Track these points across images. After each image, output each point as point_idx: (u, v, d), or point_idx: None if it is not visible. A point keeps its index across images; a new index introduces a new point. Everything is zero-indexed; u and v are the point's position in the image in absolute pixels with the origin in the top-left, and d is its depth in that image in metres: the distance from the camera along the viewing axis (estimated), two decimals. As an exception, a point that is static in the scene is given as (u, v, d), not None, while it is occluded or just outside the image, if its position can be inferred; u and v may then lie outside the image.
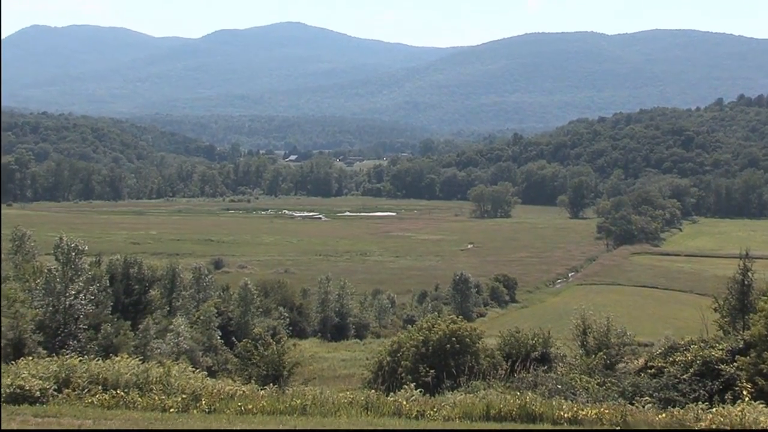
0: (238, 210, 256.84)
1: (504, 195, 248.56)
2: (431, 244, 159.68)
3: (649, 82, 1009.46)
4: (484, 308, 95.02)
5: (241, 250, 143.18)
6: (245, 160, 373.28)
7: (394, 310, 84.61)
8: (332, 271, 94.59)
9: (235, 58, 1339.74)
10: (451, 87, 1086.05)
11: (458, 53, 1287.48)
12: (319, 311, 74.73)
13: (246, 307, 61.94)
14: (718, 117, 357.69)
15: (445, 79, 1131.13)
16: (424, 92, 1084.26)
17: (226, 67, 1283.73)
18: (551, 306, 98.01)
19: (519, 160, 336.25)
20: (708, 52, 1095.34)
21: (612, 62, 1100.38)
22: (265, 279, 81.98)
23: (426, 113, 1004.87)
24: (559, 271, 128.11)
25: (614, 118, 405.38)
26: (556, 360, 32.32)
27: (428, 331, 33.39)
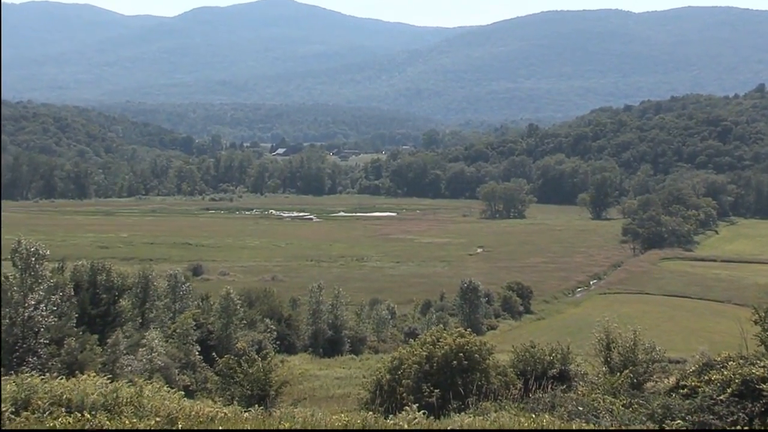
0: (219, 210, 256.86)
1: (517, 193, 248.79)
2: (436, 248, 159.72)
3: (681, 65, 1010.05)
4: (495, 320, 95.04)
5: (223, 254, 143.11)
6: (227, 154, 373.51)
7: (394, 323, 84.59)
8: (325, 278, 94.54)
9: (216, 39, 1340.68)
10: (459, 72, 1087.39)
11: (466, 34, 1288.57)
12: (310, 324, 74.71)
13: (228, 318, 61.89)
14: (760, 105, 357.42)
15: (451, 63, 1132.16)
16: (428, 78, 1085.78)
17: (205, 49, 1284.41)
18: (571, 318, 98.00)
19: (534, 154, 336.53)
20: (748, 32, 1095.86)
21: (639, 43, 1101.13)
22: (250, 287, 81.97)
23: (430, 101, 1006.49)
24: (580, 278, 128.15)
25: (642, 106, 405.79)
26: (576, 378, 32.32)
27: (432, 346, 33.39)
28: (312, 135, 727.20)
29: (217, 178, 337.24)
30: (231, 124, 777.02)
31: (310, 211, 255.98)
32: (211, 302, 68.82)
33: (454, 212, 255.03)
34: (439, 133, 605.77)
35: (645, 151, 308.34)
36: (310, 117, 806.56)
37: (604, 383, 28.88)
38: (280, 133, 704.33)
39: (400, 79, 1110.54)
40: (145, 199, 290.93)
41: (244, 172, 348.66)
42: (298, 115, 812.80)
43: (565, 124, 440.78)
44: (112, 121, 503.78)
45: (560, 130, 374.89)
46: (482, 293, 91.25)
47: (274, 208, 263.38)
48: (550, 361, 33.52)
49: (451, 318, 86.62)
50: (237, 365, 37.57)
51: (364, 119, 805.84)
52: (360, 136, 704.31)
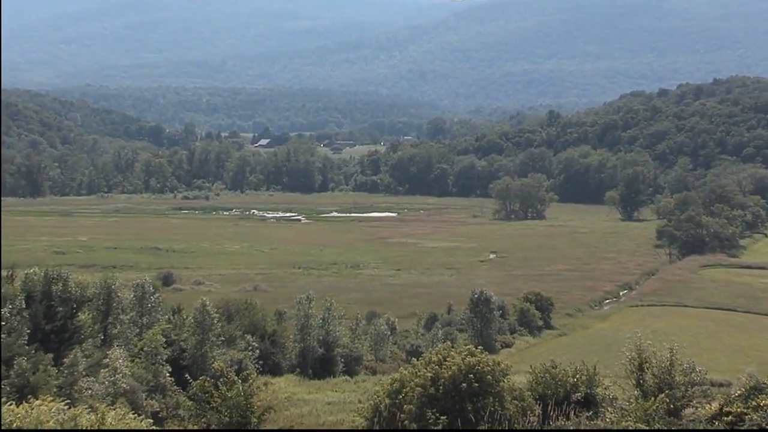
0: (193, 210, 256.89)
1: (536, 190, 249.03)
2: (442, 254, 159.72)
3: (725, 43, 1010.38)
4: (511, 336, 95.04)
5: (198, 261, 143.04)
6: (202, 146, 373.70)
7: (395, 339, 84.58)
8: (315, 288, 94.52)
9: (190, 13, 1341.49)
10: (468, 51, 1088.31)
11: (477, 7, 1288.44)
12: (298, 340, 74.66)
13: (203, 335, 61.82)
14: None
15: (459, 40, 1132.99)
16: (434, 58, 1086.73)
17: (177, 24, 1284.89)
18: (597, 334, 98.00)
19: (556, 146, 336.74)
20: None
21: (676, 18, 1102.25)
22: (229, 299, 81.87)
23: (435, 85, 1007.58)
24: (608, 288, 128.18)
25: (679, 90, 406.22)
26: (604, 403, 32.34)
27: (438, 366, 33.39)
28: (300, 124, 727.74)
29: (190, 174, 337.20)
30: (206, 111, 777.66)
31: (297, 211, 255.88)
32: (183, 316, 68.61)
33: (463, 212, 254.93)
34: (446, 121, 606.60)
35: (683, 142, 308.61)
36: (298, 103, 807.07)
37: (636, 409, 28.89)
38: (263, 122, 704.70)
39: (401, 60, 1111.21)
40: (108, 198, 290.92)
41: (221, 166, 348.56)
42: (284, 101, 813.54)
43: (590, 111, 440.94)
44: (70, 108, 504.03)
45: (585, 118, 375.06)
46: (495, 305, 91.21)
47: (257, 208, 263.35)
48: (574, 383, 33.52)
49: (459, 334, 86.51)
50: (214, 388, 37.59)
51: (359, 106, 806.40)
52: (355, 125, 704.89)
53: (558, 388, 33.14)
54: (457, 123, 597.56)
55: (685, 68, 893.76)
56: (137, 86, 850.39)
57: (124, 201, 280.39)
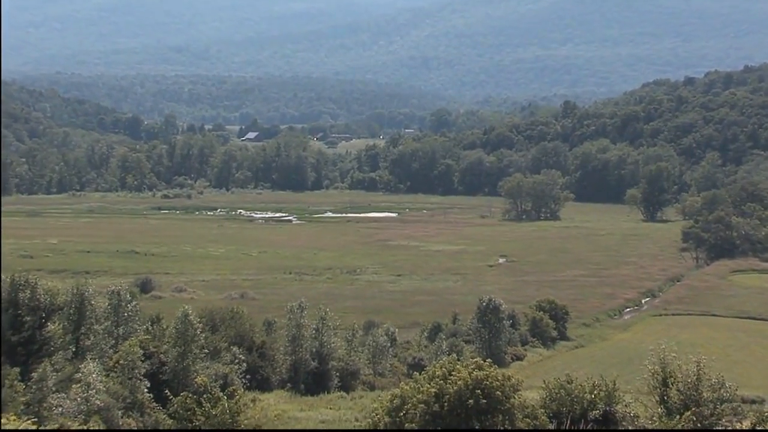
0: (173, 209, 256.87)
1: (550, 188, 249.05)
2: (447, 258, 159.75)
3: (757, 27, 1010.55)
4: (522, 348, 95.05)
5: (179, 266, 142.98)
6: (184, 139, 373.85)
7: (395, 351, 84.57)
8: (308, 295, 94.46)
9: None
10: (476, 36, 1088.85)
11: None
12: (289, 353, 74.61)
13: (185, 347, 61.76)
14: None
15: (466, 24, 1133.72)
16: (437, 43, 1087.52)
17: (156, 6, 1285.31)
18: (617, 345, 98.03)
19: (571, 139, 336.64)
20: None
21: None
22: (213, 307, 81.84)
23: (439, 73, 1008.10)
24: (629, 295, 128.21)
25: (707, 78, 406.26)
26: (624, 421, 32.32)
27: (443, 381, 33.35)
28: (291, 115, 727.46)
29: (171, 170, 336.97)
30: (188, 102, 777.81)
31: (288, 211, 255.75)
32: (163, 326, 68.51)
33: (469, 212, 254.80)
34: (452, 113, 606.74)
35: (711, 136, 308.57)
36: (289, 93, 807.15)
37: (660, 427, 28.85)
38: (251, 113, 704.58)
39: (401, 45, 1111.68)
40: (80, 196, 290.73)
41: (205, 161, 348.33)
42: (274, 91, 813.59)
43: (609, 101, 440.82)
44: (39, 98, 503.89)
45: (604, 109, 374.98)
46: (505, 314, 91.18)
47: (244, 208, 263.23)
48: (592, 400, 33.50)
49: (466, 346, 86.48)
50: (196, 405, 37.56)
51: (356, 96, 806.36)
52: (351, 116, 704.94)
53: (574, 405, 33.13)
54: (464, 115, 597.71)
55: (713, 54, 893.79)
56: (112, 74, 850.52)
57: (98, 200, 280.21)
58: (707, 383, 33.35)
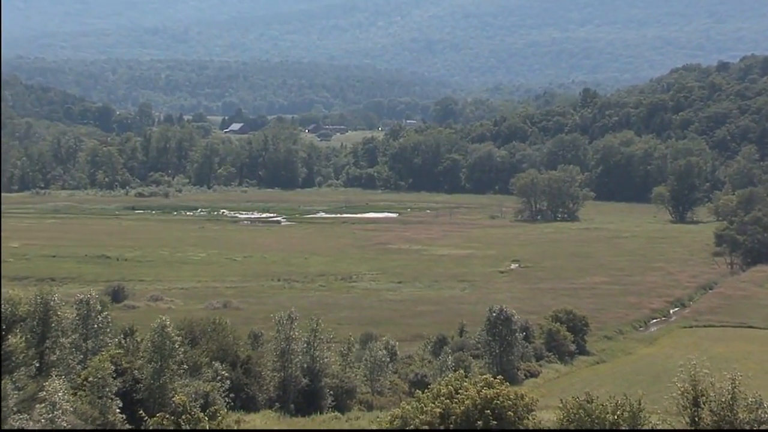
0: (149, 209, 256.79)
1: (567, 186, 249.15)
2: (453, 263, 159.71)
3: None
4: (537, 364, 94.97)
5: (155, 272, 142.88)
6: (161, 131, 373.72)
7: (395, 367, 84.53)
8: (298, 305, 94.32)
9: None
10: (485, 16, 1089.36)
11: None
12: (278, 369, 74.54)
13: (162, 362, 61.73)
14: None
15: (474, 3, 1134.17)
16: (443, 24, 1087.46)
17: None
18: (643, 361, 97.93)
19: (592, 131, 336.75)
20: None
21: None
22: (193, 318, 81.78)
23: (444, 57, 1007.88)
24: (655, 305, 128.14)
25: (743, 63, 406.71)
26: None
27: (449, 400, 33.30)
28: (280, 105, 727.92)
29: (146, 165, 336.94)
30: (166, 90, 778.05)
31: (277, 211, 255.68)
32: (137, 339, 68.43)
33: (478, 212, 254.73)
34: (458, 102, 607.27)
35: (747, 127, 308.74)
36: (277, 79, 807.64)
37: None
38: (235, 102, 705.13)
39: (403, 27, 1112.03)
40: (45, 195, 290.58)
41: (184, 156, 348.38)
42: (260, 78, 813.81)
43: (634, 88, 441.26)
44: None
45: (628, 98, 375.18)
46: (518, 326, 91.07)
47: (227, 208, 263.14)
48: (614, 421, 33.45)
49: (474, 361, 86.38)
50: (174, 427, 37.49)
51: (352, 83, 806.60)
52: (347, 106, 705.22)
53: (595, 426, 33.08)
54: (471, 104, 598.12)
55: (750, 36, 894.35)
56: (81, 58, 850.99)
57: (64, 199, 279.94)
58: (743, 403, 33.32)
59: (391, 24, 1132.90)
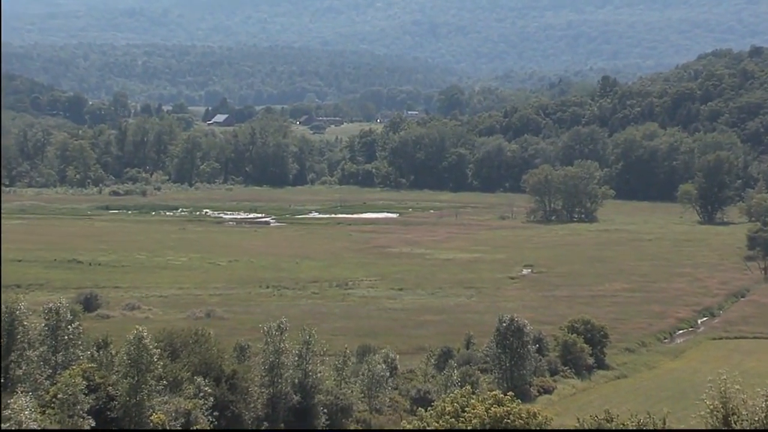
0: (125, 209, 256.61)
1: (585, 183, 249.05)
2: (459, 268, 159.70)
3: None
4: (551, 379, 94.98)
5: (131, 278, 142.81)
6: (138, 123, 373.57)
7: (396, 382, 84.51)
8: (289, 314, 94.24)
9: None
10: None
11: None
12: (267, 384, 74.53)
13: (139, 377, 61.71)
14: None
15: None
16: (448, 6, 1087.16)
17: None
18: (668, 375, 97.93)
19: (612, 123, 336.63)
20: None
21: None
22: (173, 328, 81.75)
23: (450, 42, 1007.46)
24: (681, 314, 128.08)
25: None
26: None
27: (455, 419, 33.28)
28: (269, 94, 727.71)
29: (121, 161, 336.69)
30: (143, 77, 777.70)
31: (265, 211, 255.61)
32: (112, 352, 68.39)
33: (486, 213, 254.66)
34: (465, 91, 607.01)
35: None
36: (266, 66, 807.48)
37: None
38: (219, 91, 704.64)
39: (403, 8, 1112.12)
40: (11, 193, 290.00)
41: (163, 150, 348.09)
42: (247, 64, 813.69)
43: (658, 76, 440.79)
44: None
45: (651, 87, 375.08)
46: (531, 337, 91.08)
47: (211, 207, 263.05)
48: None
49: (482, 376, 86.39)
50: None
51: (348, 70, 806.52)
52: (342, 95, 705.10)
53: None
54: (479, 93, 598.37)
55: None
56: (50, 43, 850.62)
57: (32, 197, 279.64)
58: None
59: (391, 5, 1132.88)
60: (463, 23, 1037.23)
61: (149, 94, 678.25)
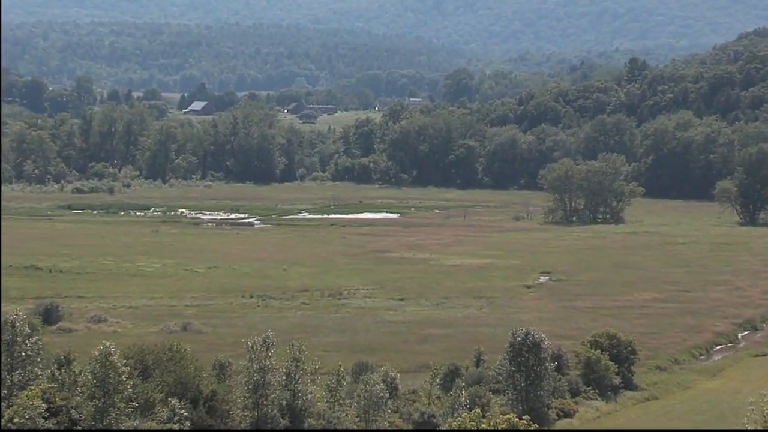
0: (90, 209, 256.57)
1: (610, 179, 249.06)
2: (468, 276, 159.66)
3: None
4: (572, 401, 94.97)
5: (97, 287, 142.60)
6: (105, 111, 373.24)
7: (396, 404, 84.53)
8: (275, 328, 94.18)
9: None
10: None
11: None
12: (250, 406, 74.59)
13: (106, 398, 61.71)
14: None
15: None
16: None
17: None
18: (704, 396, 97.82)
19: (640, 112, 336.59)
20: None
21: None
22: (145, 344, 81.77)
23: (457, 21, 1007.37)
24: (719, 328, 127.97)
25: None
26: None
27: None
28: (252, 79, 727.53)
29: (86, 154, 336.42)
30: (110, 60, 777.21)
31: (249, 211, 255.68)
32: (75, 370, 68.37)
33: (499, 213, 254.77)
34: (474, 75, 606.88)
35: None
36: (249, 47, 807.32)
37: None
38: (197, 76, 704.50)
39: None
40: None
41: (133, 142, 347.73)
42: (228, 45, 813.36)
43: (693, 58, 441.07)
44: None
45: (685, 70, 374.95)
46: (549, 354, 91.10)
47: (187, 207, 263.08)
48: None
49: (494, 397, 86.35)
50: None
51: (342, 52, 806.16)
52: (336, 80, 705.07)
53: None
54: (491, 78, 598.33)
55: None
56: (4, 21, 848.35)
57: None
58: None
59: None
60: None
61: (117, 79, 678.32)
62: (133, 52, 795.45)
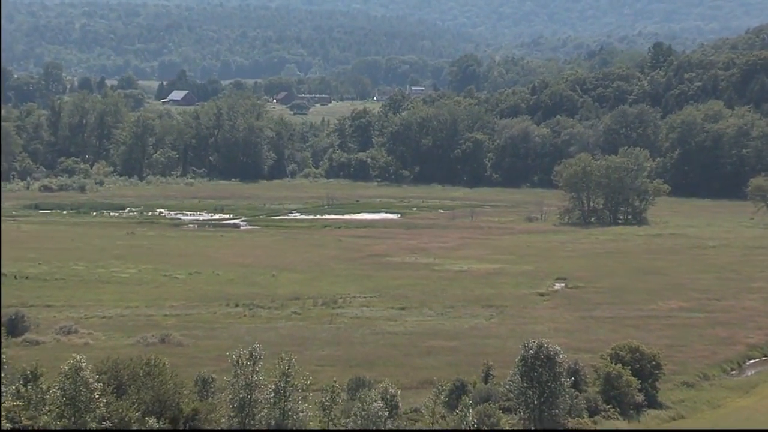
0: (59, 209, 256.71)
1: (632, 176, 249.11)
2: (476, 282, 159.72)
3: None
4: (590, 420, 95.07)
5: (67, 295, 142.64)
6: (75, 102, 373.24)
7: (397, 424, 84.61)
8: (263, 339, 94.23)
9: None
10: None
11: None
12: (236, 426, 74.67)
13: (76, 417, 61.77)
14: None
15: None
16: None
17: None
18: (736, 415, 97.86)
19: (665, 102, 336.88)
20: None
21: None
22: (119, 357, 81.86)
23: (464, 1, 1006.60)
24: (753, 340, 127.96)
25: None
26: None
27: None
28: (239, 65, 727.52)
29: (55, 148, 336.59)
30: (81, 45, 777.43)
31: (234, 211, 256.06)
32: (43, 387, 68.46)
33: (510, 213, 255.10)
34: (483, 62, 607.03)
35: None
36: (234, 31, 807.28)
37: None
38: (177, 62, 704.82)
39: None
40: None
41: (107, 136, 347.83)
42: (211, 28, 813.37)
43: (723, 43, 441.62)
44: None
45: (715, 56, 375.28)
46: (564, 368, 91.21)
47: (166, 206, 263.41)
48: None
49: (504, 416, 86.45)
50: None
51: (337, 36, 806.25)
52: (330, 67, 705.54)
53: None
54: (501, 64, 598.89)
55: None
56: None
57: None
58: None
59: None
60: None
61: (89, 66, 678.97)
62: (106, 36, 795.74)
